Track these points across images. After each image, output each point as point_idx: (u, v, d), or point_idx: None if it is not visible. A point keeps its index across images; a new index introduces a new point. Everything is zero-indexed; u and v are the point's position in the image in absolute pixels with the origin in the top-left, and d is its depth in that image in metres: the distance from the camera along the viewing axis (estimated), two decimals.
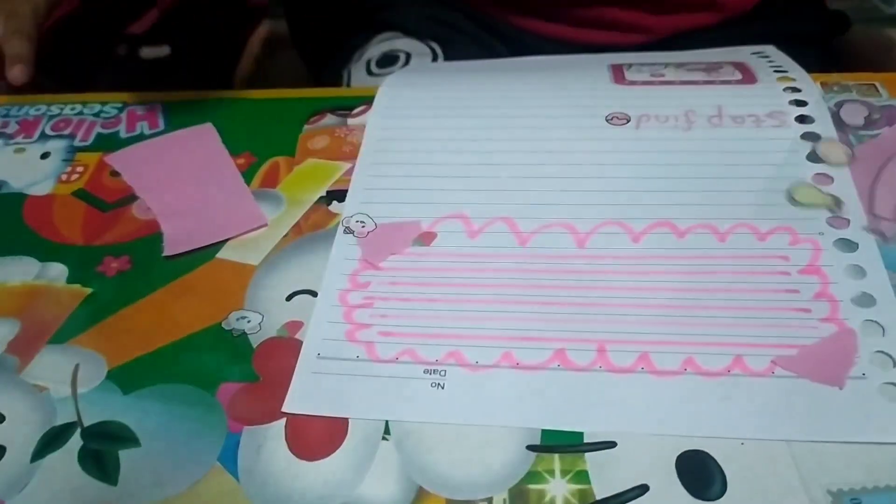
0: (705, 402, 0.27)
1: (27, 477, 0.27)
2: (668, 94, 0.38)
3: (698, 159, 0.35)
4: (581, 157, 0.36)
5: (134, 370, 0.30)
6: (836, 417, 0.26)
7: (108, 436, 0.28)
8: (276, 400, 0.28)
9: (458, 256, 0.32)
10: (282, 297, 0.32)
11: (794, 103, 0.37)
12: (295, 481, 0.26)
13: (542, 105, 0.39)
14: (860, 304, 0.29)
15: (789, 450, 0.26)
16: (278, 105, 0.42)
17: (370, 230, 0.34)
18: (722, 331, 0.28)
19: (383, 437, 0.27)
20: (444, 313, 0.30)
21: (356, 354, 0.29)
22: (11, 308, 0.32)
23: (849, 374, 0.27)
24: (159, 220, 0.36)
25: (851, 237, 0.31)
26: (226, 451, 0.27)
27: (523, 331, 0.29)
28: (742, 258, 0.31)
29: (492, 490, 0.25)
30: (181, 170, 0.38)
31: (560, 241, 0.32)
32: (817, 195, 0.32)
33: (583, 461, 0.26)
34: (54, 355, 0.30)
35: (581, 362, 0.28)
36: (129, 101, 0.43)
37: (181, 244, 0.34)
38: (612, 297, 0.30)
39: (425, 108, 0.40)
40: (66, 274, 0.34)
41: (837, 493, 0.24)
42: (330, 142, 0.39)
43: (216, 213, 0.36)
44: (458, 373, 0.28)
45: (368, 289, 0.31)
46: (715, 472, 0.25)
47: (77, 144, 0.40)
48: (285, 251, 0.34)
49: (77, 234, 0.36)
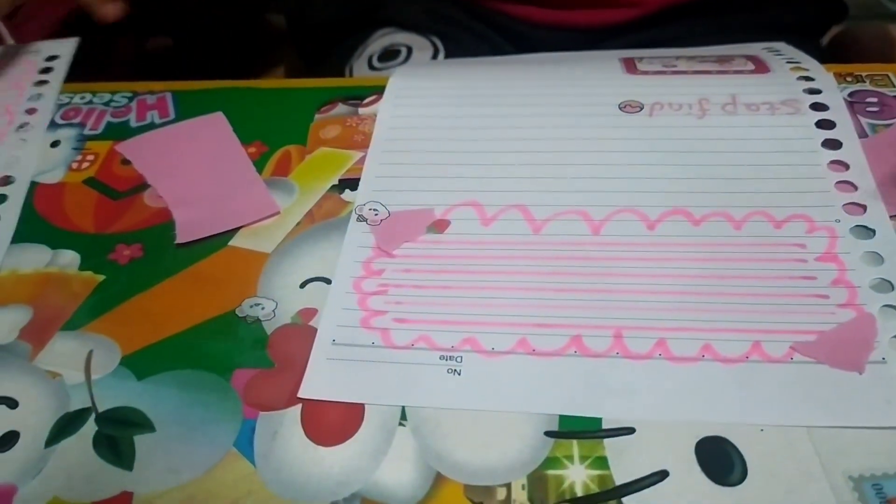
0: (724, 389, 0.27)
1: (42, 462, 0.27)
2: (680, 82, 0.38)
3: (712, 147, 0.34)
4: (594, 144, 0.35)
5: (148, 356, 0.30)
6: (856, 402, 0.26)
7: (122, 421, 0.28)
8: (292, 386, 0.28)
9: (472, 244, 0.32)
10: (295, 284, 0.32)
11: (808, 92, 0.37)
12: (311, 467, 0.26)
13: (554, 93, 0.38)
14: (878, 289, 0.29)
15: (809, 436, 0.25)
16: (289, 94, 0.42)
17: (383, 218, 0.34)
18: (739, 317, 0.28)
19: (400, 424, 0.27)
20: (458, 300, 0.30)
21: (371, 341, 0.29)
22: (24, 295, 0.32)
23: (868, 359, 0.27)
24: (171, 209, 0.35)
25: (868, 224, 0.31)
26: (241, 436, 0.27)
27: (539, 317, 0.29)
28: (758, 246, 0.30)
29: (510, 475, 0.25)
30: (192, 158, 0.38)
31: (574, 229, 0.32)
32: None
33: (601, 447, 0.26)
34: (67, 342, 0.30)
35: (598, 348, 0.28)
36: (139, 90, 0.42)
37: (194, 232, 0.34)
38: (628, 284, 0.30)
39: (437, 97, 0.39)
40: (78, 261, 0.33)
41: (858, 479, 0.24)
42: (341, 131, 0.39)
43: (228, 201, 0.36)
44: (474, 359, 0.28)
45: (382, 276, 0.31)
46: (735, 458, 0.25)
47: (87, 133, 0.40)
48: (298, 239, 0.34)
49: (88, 222, 0.35)
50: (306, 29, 0.64)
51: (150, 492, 0.26)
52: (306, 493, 0.25)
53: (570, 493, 0.25)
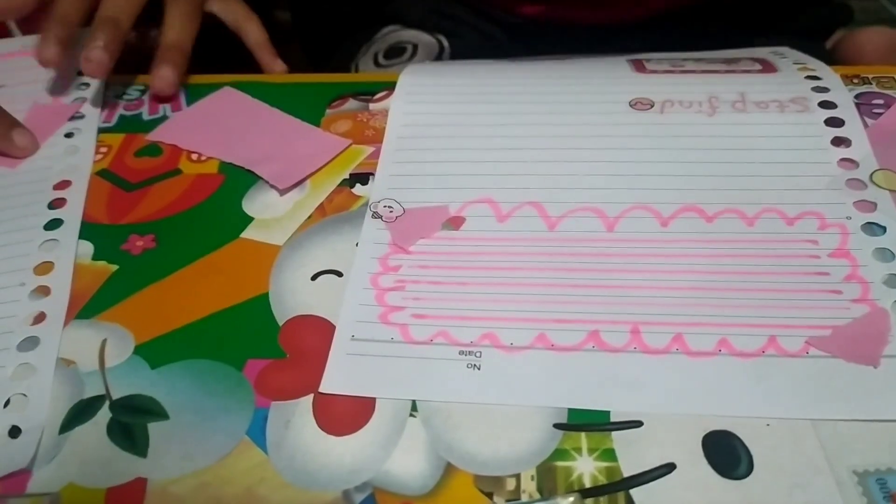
0: (741, 383, 0.27)
1: (56, 449, 0.27)
2: (690, 80, 0.38)
3: (723, 144, 0.35)
4: (606, 141, 0.36)
5: (161, 346, 0.30)
6: (871, 396, 0.26)
7: (136, 409, 0.28)
8: (304, 376, 0.28)
9: (488, 241, 0.32)
10: (307, 276, 0.32)
11: (816, 90, 0.37)
12: (323, 456, 0.26)
13: (565, 91, 0.39)
14: (890, 284, 0.29)
15: (815, 431, 0.26)
16: (301, 89, 0.42)
17: (398, 215, 0.34)
18: (754, 312, 0.29)
19: (410, 414, 0.27)
20: (476, 296, 0.30)
21: (391, 336, 0.29)
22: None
23: (883, 353, 0.27)
24: (252, 169, 0.37)
25: (879, 220, 0.31)
26: (254, 425, 0.27)
27: (556, 313, 0.29)
28: (771, 242, 0.31)
29: (520, 467, 0.26)
30: (237, 125, 0.40)
31: (589, 226, 0.32)
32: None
33: (609, 440, 0.26)
34: (81, 330, 0.31)
35: (616, 343, 0.28)
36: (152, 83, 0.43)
37: (287, 180, 0.36)
38: (644, 280, 0.30)
39: (448, 94, 0.40)
40: (91, 251, 0.34)
41: (863, 474, 0.24)
42: (352, 126, 0.39)
43: (299, 148, 0.38)
44: (493, 354, 0.28)
45: (399, 272, 0.31)
46: (741, 452, 0.25)
47: (100, 125, 0.40)
48: (309, 232, 0.34)
49: (102, 212, 0.36)
50: (312, 26, 0.64)
51: (164, 478, 0.26)
52: (318, 481, 0.26)
53: (579, 484, 0.25)
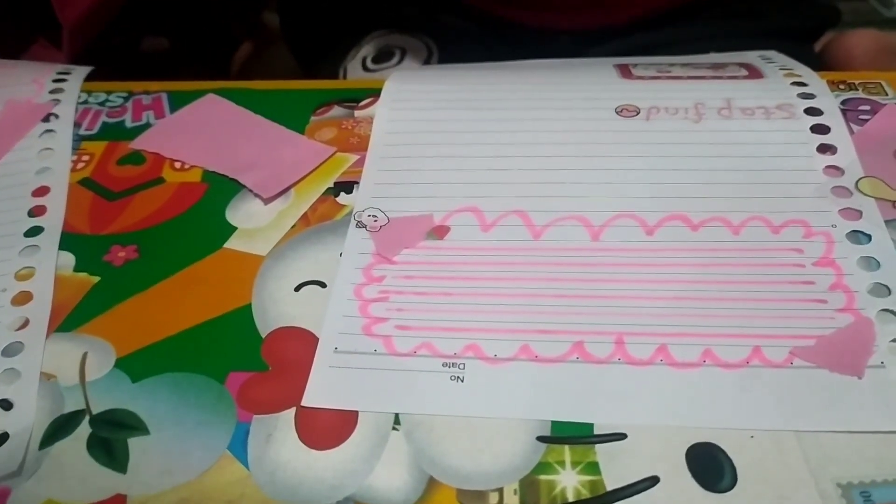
0: (725, 394, 0.27)
1: (36, 464, 0.27)
2: (676, 87, 0.38)
3: (709, 151, 0.35)
4: (591, 148, 0.35)
5: (142, 359, 0.30)
6: (856, 407, 0.26)
7: (116, 423, 0.28)
8: (286, 389, 0.28)
9: (473, 250, 0.32)
10: (290, 287, 0.32)
11: (802, 96, 0.37)
12: (305, 470, 0.26)
13: (551, 98, 0.38)
14: (875, 294, 0.29)
15: (799, 443, 0.25)
16: (284, 96, 0.42)
17: (382, 224, 0.34)
18: (739, 322, 0.28)
19: (393, 428, 0.27)
20: (460, 307, 0.30)
21: (374, 348, 0.29)
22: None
23: (867, 364, 0.27)
24: (235, 177, 0.36)
25: (864, 229, 0.31)
26: (235, 439, 0.27)
27: (540, 324, 0.29)
28: (756, 251, 0.31)
29: (502, 480, 0.25)
30: (220, 132, 0.39)
31: (574, 234, 0.32)
32: (884, 188, 0.32)
33: (593, 452, 0.26)
34: (62, 343, 0.30)
35: (600, 355, 0.28)
36: (135, 90, 0.42)
37: (271, 188, 0.35)
38: (629, 290, 0.30)
39: (434, 102, 0.39)
40: (73, 262, 0.33)
41: (847, 486, 0.24)
42: (337, 133, 0.39)
43: (283, 156, 0.37)
44: (477, 366, 0.28)
45: (383, 283, 0.31)
46: (725, 464, 0.25)
47: (82, 133, 0.40)
48: (293, 242, 0.34)
49: (84, 223, 0.35)
50: (300, 29, 0.64)
51: (143, 494, 0.26)
52: (300, 496, 0.25)
53: (562, 499, 0.25)
